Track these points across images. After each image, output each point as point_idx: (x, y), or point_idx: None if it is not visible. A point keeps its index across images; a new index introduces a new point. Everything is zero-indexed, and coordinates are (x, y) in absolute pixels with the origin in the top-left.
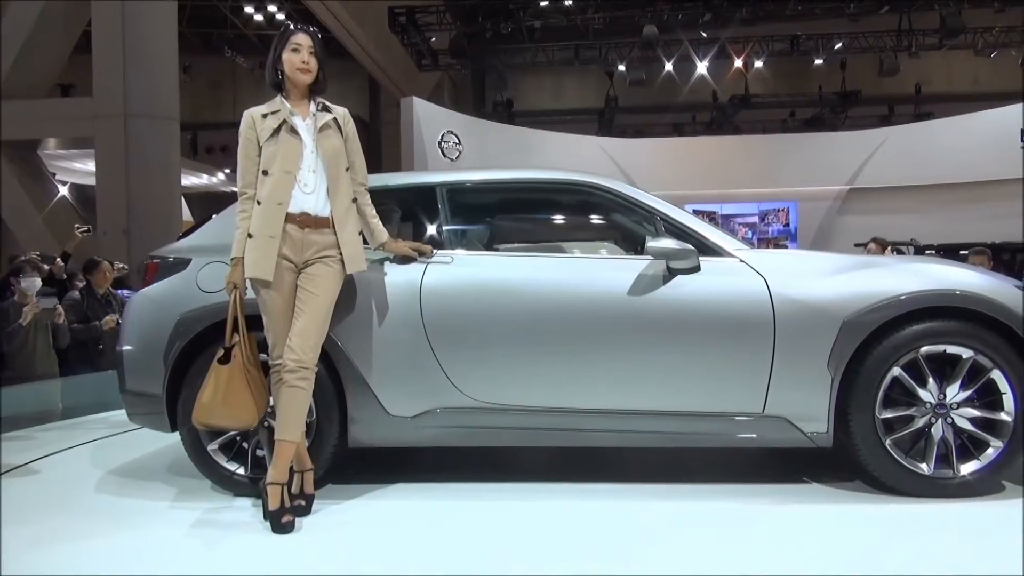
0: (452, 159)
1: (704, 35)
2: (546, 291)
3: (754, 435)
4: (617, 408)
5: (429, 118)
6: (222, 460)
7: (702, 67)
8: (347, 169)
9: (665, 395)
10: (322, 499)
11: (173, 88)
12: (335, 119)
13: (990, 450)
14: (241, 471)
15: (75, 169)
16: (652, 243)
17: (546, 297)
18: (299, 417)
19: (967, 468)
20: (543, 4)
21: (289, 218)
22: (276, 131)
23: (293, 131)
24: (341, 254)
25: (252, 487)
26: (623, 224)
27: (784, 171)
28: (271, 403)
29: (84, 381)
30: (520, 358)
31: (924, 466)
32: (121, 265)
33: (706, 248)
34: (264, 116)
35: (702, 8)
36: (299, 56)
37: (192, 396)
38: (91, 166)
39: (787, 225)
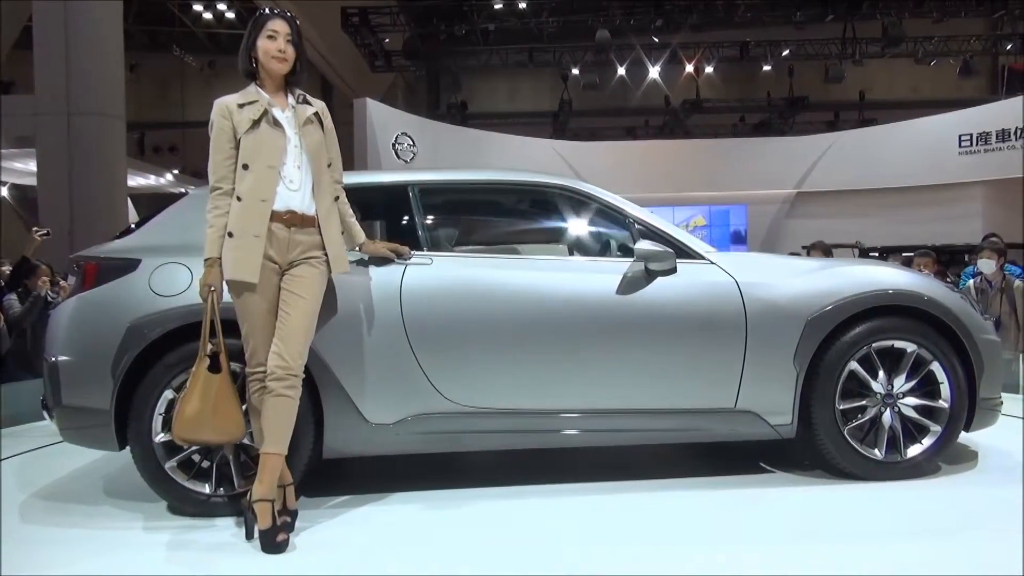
0: (406, 161)
1: (656, 40)
2: (529, 292)
3: (727, 429)
4: (600, 408)
5: (383, 120)
6: (182, 479)
7: (654, 72)
8: (329, 166)
9: (647, 393)
10: (302, 515)
11: (119, 85)
12: (316, 113)
13: (931, 434)
14: (209, 490)
15: (15, 169)
16: (640, 245)
17: (529, 298)
18: (288, 428)
19: (912, 451)
20: (497, 7)
21: (275, 216)
22: (256, 123)
23: (276, 123)
24: (326, 254)
25: (230, 507)
26: (595, 227)
27: (735, 175)
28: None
29: (23, 388)
30: (504, 360)
31: (876, 451)
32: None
33: (679, 251)
34: (240, 106)
35: (653, 14)
36: (275, 44)
37: (146, 410)
38: (32, 166)
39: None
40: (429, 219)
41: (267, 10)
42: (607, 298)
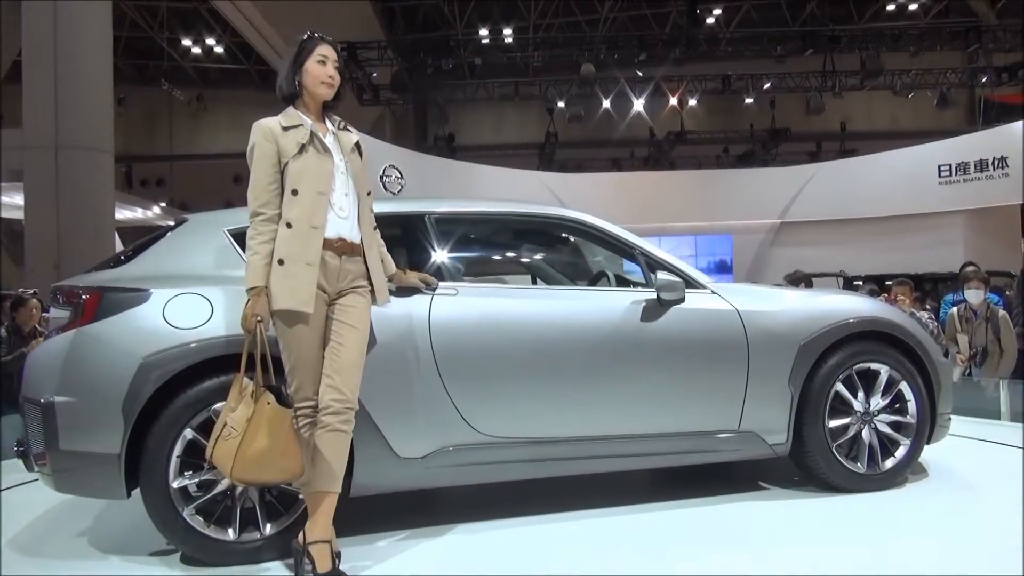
0: (394, 193)
1: (640, 73)
2: (553, 321)
3: (731, 450)
4: (624, 433)
5: (371, 152)
6: (201, 527)
7: (639, 104)
8: (368, 194)
9: (666, 417)
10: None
11: (107, 119)
12: (358, 142)
13: (901, 448)
14: (232, 535)
15: (2, 203)
16: (659, 276)
17: (553, 327)
18: (343, 464)
19: (888, 464)
20: (484, 42)
21: (326, 244)
22: (303, 147)
23: (325, 149)
24: (371, 284)
25: (272, 551)
26: (603, 258)
27: (719, 205)
28: None
29: (8, 422)
30: (531, 389)
31: (859, 465)
32: None
33: (684, 281)
34: (285, 129)
35: (637, 48)
36: (326, 69)
37: (161, 453)
38: (19, 200)
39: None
40: (446, 249)
41: (313, 34)
42: (628, 326)
